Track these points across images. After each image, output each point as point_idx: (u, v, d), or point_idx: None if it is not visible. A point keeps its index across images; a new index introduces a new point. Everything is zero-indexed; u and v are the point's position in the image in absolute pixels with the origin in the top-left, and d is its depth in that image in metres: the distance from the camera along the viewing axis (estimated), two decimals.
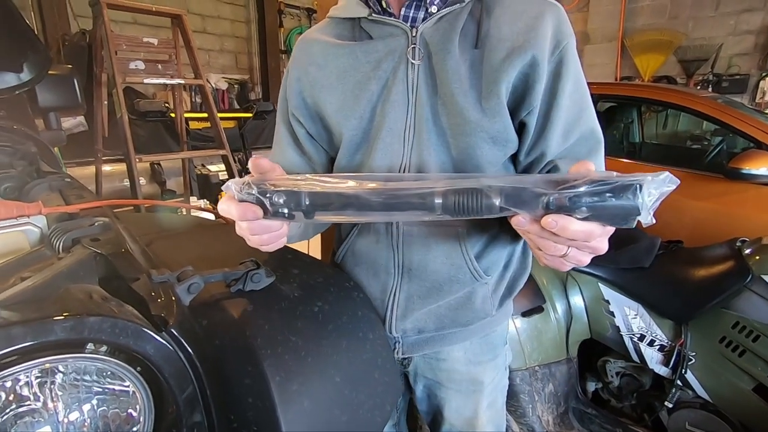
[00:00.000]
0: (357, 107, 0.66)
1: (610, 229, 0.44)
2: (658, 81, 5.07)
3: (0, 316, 0.36)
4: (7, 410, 0.42)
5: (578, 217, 0.41)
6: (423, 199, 0.45)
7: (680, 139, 3.93)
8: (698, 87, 4.80)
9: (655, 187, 0.39)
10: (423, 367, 0.82)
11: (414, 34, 0.64)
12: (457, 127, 0.63)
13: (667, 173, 0.40)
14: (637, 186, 0.39)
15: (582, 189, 0.40)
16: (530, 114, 0.62)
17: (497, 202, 0.43)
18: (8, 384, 0.41)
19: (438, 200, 0.44)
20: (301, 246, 0.83)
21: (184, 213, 2.26)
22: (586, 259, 0.47)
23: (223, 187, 0.50)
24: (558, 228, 0.42)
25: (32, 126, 1.40)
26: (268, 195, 0.47)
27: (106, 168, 2.95)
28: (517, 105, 0.63)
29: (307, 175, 0.49)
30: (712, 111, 2.34)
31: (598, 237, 0.43)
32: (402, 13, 0.65)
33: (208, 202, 3.34)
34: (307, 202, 0.47)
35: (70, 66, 1.63)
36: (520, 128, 0.65)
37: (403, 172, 0.66)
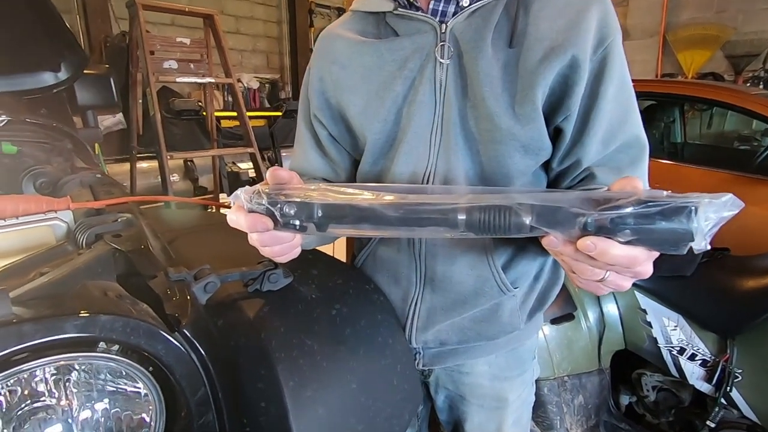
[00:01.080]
0: (381, 109, 0.63)
1: (656, 253, 0.39)
2: (703, 78, 4.79)
3: (12, 312, 0.36)
4: (22, 405, 0.42)
5: (621, 240, 0.36)
6: (445, 215, 0.41)
7: (727, 140, 3.70)
8: (748, 84, 4.51)
9: (713, 211, 0.34)
10: (444, 379, 0.78)
11: (443, 31, 0.59)
12: (487, 133, 0.58)
13: (730, 195, 0.34)
14: (692, 209, 0.34)
15: (627, 210, 0.35)
16: (567, 119, 0.57)
17: (528, 221, 0.39)
18: (24, 380, 0.41)
19: (461, 217, 0.41)
20: (326, 248, 0.81)
21: (213, 210, 2.31)
22: (627, 284, 0.43)
23: (231, 197, 0.47)
24: (597, 252, 0.37)
25: (70, 123, 1.45)
26: (278, 206, 0.45)
27: (143, 165, 3.05)
28: (553, 110, 0.57)
29: (321, 185, 0.47)
30: (764, 109, 2.18)
31: (643, 262, 0.39)
32: (430, 6, 0.61)
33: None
34: (320, 214, 0.44)
35: (107, 66, 1.69)
36: (555, 134, 0.59)
37: (429, 178, 0.62)
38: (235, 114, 3.31)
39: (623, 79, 0.58)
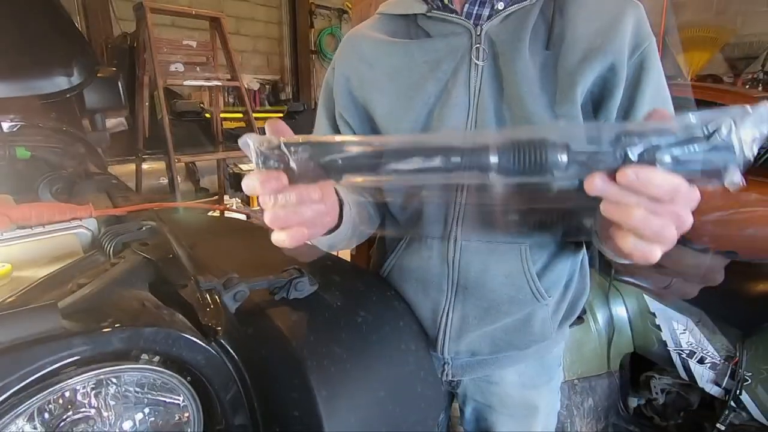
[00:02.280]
0: (410, 110, 0.62)
1: (695, 196, 0.37)
2: (703, 80, 4.82)
3: (61, 325, 0.36)
4: (64, 416, 0.42)
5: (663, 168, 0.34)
6: (477, 156, 0.37)
7: None
8: (747, 86, 4.54)
9: (753, 123, 0.32)
10: (473, 390, 0.78)
11: (478, 33, 0.59)
12: None
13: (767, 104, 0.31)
14: (732, 122, 0.32)
15: (668, 134, 0.33)
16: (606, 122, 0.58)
17: (564, 158, 0.35)
18: (67, 392, 0.41)
19: (494, 158, 0.37)
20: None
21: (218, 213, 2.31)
22: (672, 233, 0.37)
23: (239, 142, 0.40)
24: (640, 182, 0.34)
25: (80, 127, 1.45)
26: (292, 149, 0.39)
27: (144, 166, 3.06)
28: (592, 112, 0.58)
29: (337, 136, 0.42)
30: None
31: (684, 197, 0.36)
32: (465, 9, 0.61)
33: (240, 200, 3.42)
34: (339, 160, 0.39)
35: (115, 69, 1.69)
36: None
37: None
38: (238, 115, 3.31)
39: (659, 83, 0.58)
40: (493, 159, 0.37)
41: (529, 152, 0.36)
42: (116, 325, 0.39)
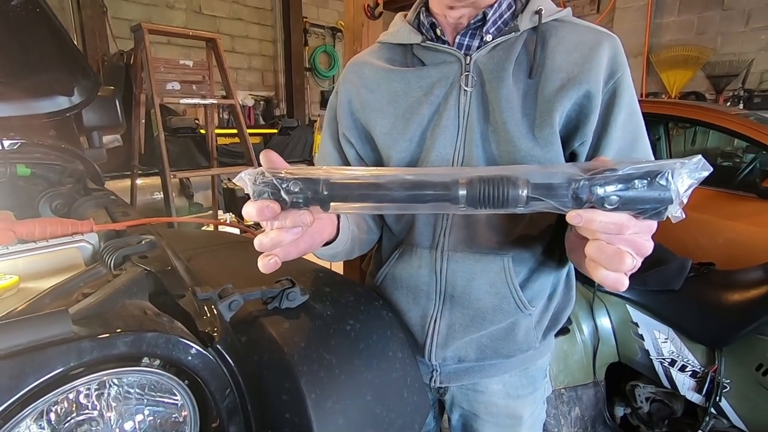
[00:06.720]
0: (407, 131, 0.67)
1: (649, 224, 0.41)
2: (686, 97, 4.97)
3: (72, 330, 0.40)
4: (69, 418, 0.45)
5: (608, 207, 0.39)
6: (447, 189, 0.42)
7: (710, 157, 3.81)
8: (728, 103, 4.69)
9: (687, 173, 0.37)
10: (459, 398, 0.80)
11: (467, 62, 0.65)
12: (508, 154, 0.62)
13: (699, 157, 0.38)
14: (669, 172, 0.37)
15: (610, 175, 0.38)
16: (583, 145, 0.62)
17: (524, 192, 0.41)
18: (72, 393, 0.44)
19: (462, 192, 0.42)
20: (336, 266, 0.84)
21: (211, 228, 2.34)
22: (626, 258, 0.41)
23: (235, 179, 0.46)
24: (584, 221, 0.40)
25: (78, 145, 1.49)
26: (283, 183, 0.44)
27: (139, 181, 3.09)
28: (569, 135, 0.63)
29: (324, 167, 0.47)
30: (743, 128, 2.28)
31: (633, 229, 0.40)
32: (456, 41, 0.66)
33: (233, 216, 3.45)
34: (324, 191, 0.44)
35: (113, 87, 1.73)
36: (570, 158, 0.65)
37: None
38: (233, 132, 3.36)
39: (632, 109, 0.63)
40: (462, 192, 0.42)
41: (493, 188, 0.41)
42: (118, 330, 0.42)
